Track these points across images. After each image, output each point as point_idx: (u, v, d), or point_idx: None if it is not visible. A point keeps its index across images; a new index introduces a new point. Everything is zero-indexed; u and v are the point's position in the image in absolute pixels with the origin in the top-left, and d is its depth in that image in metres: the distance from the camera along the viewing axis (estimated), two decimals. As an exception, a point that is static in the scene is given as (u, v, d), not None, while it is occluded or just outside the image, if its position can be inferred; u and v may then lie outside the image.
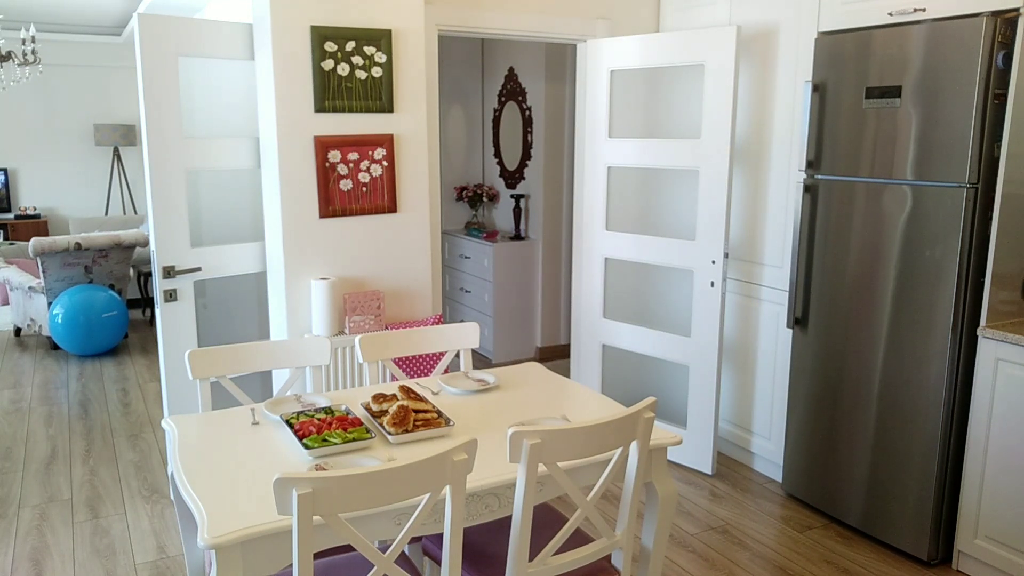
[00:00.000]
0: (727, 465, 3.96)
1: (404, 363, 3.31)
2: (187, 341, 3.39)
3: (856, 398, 3.21)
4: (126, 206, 8.80)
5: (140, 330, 6.75)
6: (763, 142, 3.70)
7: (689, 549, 3.17)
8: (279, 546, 1.70)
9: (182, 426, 2.23)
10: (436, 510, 1.85)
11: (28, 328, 6.15)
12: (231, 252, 3.46)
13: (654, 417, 1.96)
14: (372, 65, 3.27)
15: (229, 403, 3.13)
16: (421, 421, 2.17)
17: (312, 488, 1.53)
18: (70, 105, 8.46)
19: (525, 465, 1.77)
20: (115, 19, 7.29)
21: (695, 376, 3.82)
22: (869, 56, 3.05)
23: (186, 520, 2.26)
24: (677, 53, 3.71)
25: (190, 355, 2.43)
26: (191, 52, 3.21)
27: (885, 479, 3.11)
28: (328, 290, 3.22)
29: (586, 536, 2.20)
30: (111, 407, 4.79)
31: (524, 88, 5.68)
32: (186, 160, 3.27)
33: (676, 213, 3.97)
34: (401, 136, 3.40)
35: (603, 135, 4.07)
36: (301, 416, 2.20)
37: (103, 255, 5.99)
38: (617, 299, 4.21)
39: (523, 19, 3.91)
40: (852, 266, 3.19)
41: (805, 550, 3.17)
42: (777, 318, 3.68)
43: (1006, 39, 2.69)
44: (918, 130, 2.90)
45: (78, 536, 3.26)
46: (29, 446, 4.19)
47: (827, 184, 3.27)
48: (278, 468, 1.95)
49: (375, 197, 3.38)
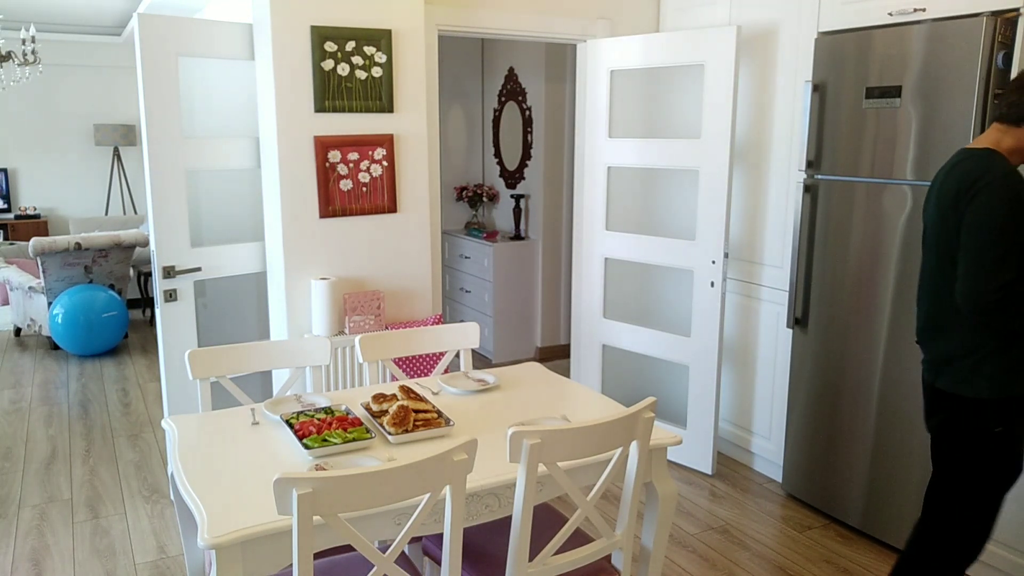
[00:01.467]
0: (727, 465, 3.96)
1: (404, 363, 3.31)
2: (187, 341, 3.39)
3: (856, 398, 3.21)
4: (126, 206, 8.80)
5: (140, 330, 6.75)
6: (763, 142, 3.70)
7: (689, 549, 3.17)
8: (279, 546, 1.70)
9: (182, 426, 2.23)
10: (436, 510, 1.85)
11: (28, 328, 6.15)
12: (231, 252, 3.46)
13: (654, 417, 1.96)
14: (372, 65, 3.27)
15: (229, 403, 3.12)
16: (421, 421, 2.17)
17: (312, 488, 1.53)
18: (70, 105, 8.46)
19: (525, 465, 1.77)
20: (115, 19, 7.29)
21: (695, 376, 3.82)
22: (869, 56, 3.05)
23: (186, 520, 2.26)
24: (677, 53, 3.71)
25: (190, 355, 2.43)
26: (191, 52, 3.21)
27: (885, 479, 3.11)
28: (328, 290, 3.22)
29: (586, 536, 2.20)
30: (111, 407, 4.79)
31: (524, 88, 5.68)
32: (186, 160, 3.27)
33: (676, 213, 3.97)
34: (401, 136, 3.40)
35: (603, 135, 4.07)
36: (301, 416, 2.20)
37: (103, 255, 5.99)
38: (617, 299, 4.21)
39: (523, 19, 3.91)
40: (852, 266, 3.19)
41: (805, 550, 3.17)
42: (777, 318, 3.68)
43: (1006, 39, 2.69)
44: (918, 130, 2.90)
45: (78, 536, 3.26)
46: (29, 446, 4.19)
47: (827, 184, 3.27)
48: (278, 468, 1.95)
49: (375, 197, 3.38)
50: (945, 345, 2.19)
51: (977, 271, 2.03)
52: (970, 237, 2.05)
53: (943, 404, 2.23)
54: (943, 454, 2.25)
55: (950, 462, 2.23)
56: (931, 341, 2.25)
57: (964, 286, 2.06)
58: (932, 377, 2.25)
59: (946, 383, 2.19)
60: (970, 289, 2.04)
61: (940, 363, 2.21)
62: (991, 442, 2.15)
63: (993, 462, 2.16)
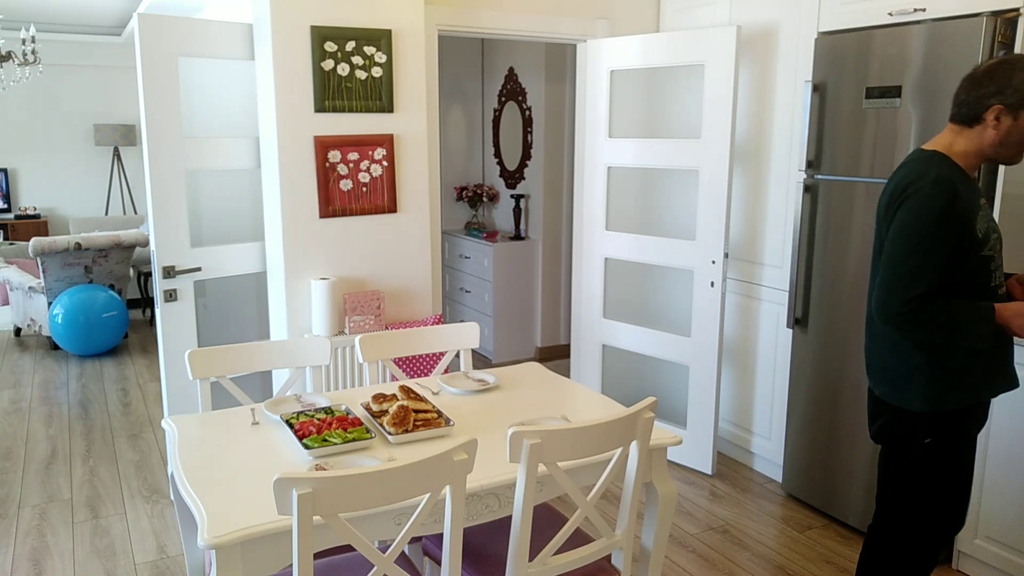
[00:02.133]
0: (727, 465, 3.96)
1: (404, 363, 3.31)
2: (187, 341, 3.39)
3: (856, 398, 3.21)
4: (126, 206, 8.79)
5: (140, 330, 6.75)
6: (763, 142, 3.70)
7: (689, 549, 3.17)
8: (279, 546, 1.70)
9: (182, 426, 2.23)
10: (436, 510, 1.85)
11: (28, 328, 6.15)
12: (231, 252, 3.46)
13: (654, 417, 1.96)
14: (372, 65, 3.27)
15: (229, 403, 3.12)
16: (421, 421, 2.17)
17: (312, 488, 1.53)
18: (70, 105, 8.46)
19: (525, 465, 1.77)
20: (115, 19, 7.29)
21: (695, 376, 3.82)
22: (869, 56, 3.05)
23: (186, 520, 2.26)
24: (677, 53, 3.71)
25: (190, 355, 2.43)
26: (191, 52, 3.21)
27: (885, 479, 3.11)
28: (328, 290, 3.22)
29: (586, 536, 2.20)
30: (111, 407, 4.79)
31: (524, 88, 5.68)
32: (186, 160, 3.27)
33: (676, 213, 3.97)
34: (401, 136, 3.40)
35: (603, 135, 4.07)
36: (301, 416, 2.20)
37: (103, 255, 5.99)
38: (617, 299, 4.21)
39: (523, 19, 3.91)
40: (852, 266, 3.19)
41: (805, 550, 3.17)
42: (777, 318, 3.68)
43: (1006, 39, 2.69)
44: (918, 130, 2.90)
45: (78, 536, 3.26)
46: (29, 446, 4.19)
47: (827, 184, 3.27)
48: (278, 468, 1.95)
49: (375, 197, 3.38)
50: (880, 354, 2.14)
51: (890, 283, 1.96)
52: (891, 245, 1.98)
53: (881, 410, 2.18)
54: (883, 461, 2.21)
55: (888, 470, 2.19)
56: (870, 347, 2.20)
57: (877, 296, 2.00)
58: (872, 383, 2.20)
59: (882, 391, 2.15)
60: (881, 300, 1.98)
61: (877, 370, 2.16)
62: (924, 453, 2.09)
63: (927, 473, 2.10)
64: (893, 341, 2.09)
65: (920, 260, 1.93)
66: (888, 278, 1.97)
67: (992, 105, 1.94)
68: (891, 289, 1.96)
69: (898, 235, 1.97)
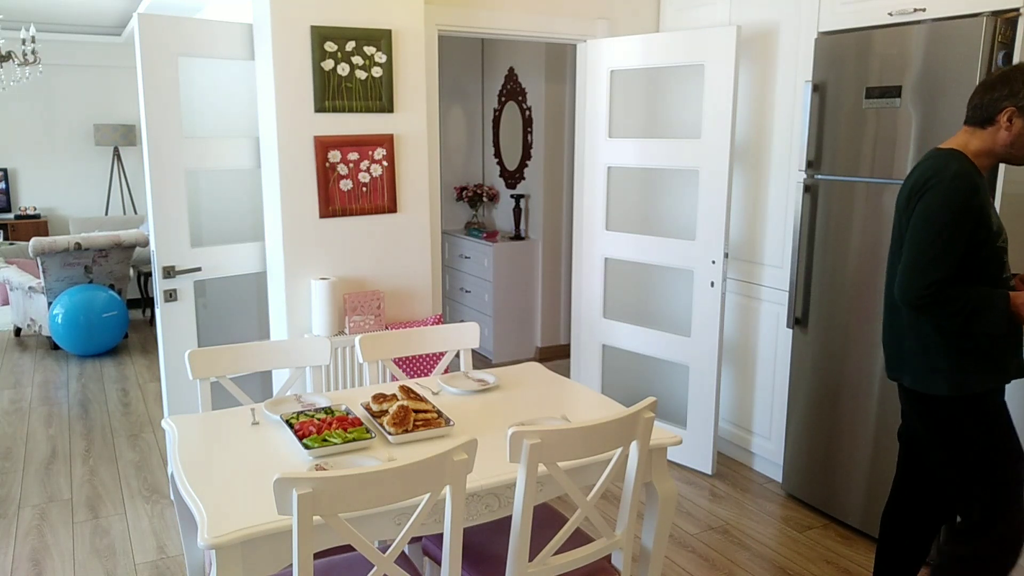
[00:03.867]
0: (727, 465, 3.96)
1: (404, 363, 3.31)
2: (187, 341, 3.39)
3: (856, 398, 3.21)
4: (126, 206, 8.80)
5: (140, 330, 6.75)
6: (763, 142, 3.70)
7: (689, 549, 3.17)
8: (279, 546, 1.70)
9: (182, 426, 2.23)
10: (436, 510, 1.85)
11: (28, 328, 6.15)
12: (231, 252, 3.46)
13: (654, 417, 1.96)
14: (372, 65, 3.27)
15: (229, 403, 3.13)
16: (421, 421, 2.17)
17: (312, 488, 1.53)
18: (70, 105, 8.46)
19: (525, 465, 1.77)
20: (115, 19, 7.29)
21: (695, 376, 3.82)
22: (869, 56, 3.05)
23: (186, 520, 2.26)
24: (677, 53, 3.71)
25: (190, 355, 2.43)
26: (191, 52, 3.21)
27: (885, 479, 3.11)
28: (328, 290, 3.22)
29: (586, 536, 2.20)
30: (111, 407, 4.79)
31: (524, 88, 5.68)
32: (186, 160, 3.27)
33: (676, 213, 3.97)
34: (401, 136, 3.40)
35: (603, 135, 4.07)
36: (301, 416, 2.20)
37: (103, 255, 5.99)
38: (617, 299, 4.21)
39: (523, 19, 3.91)
40: (852, 266, 3.19)
41: (805, 550, 3.17)
42: (777, 318, 3.68)
43: (1006, 39, 2.69)
44: (918, 130, 2.90)
45: (78, 536, 3.26)
46: (29, 446, 4.19)
47: (827, 184, 3.27)
48: (278, 468, 1.95)
49: (375, 197, 3.38)
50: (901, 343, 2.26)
51: (913, 267, 2.10)
52: (913, 233, 2.12)
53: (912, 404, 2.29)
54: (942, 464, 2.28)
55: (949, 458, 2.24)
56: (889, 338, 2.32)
57: (900, 280, 2.13)
58: (897, 375, 2.30)
59: (910, 381, 2.25)
60: (904, 284, 2.11)
61: (903, 357, 2.26)
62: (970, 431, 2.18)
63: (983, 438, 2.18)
64: (916, 329, 2.20)
65: (941, 247, 2.06)
66: (911, 262, 2.10)
67: (1005, 107, 2.11)
68: (914, 274, 2.09)
69: (921, 223, 2.10)
